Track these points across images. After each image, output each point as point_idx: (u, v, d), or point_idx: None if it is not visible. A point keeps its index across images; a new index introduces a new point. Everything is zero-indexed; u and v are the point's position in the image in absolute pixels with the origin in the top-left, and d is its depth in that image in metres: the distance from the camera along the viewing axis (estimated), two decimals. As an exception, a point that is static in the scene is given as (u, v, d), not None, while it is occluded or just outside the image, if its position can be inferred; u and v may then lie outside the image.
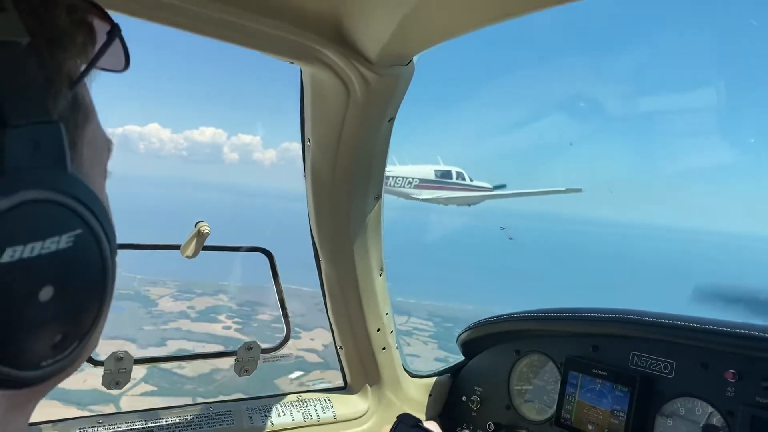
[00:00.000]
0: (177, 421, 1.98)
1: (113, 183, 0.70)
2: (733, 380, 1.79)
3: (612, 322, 2.07)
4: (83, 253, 0.56)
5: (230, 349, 2.12)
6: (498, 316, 2.39)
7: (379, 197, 2.05)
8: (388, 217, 2.17)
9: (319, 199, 1.98)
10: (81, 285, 0.57)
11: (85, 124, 0.63)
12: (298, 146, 1.99)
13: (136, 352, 1.83)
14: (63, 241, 0.54)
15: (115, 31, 0.66)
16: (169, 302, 24.38)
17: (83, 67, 0.62)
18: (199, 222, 1.88)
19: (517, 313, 2.34)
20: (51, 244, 0.52)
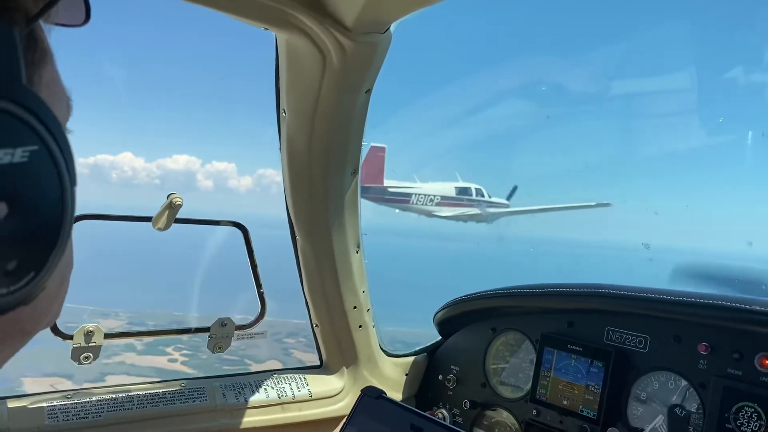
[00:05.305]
0: (149, 394, 1.94)
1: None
2: (705, 353, 1.81)
3: (587, 296, 2.08)
4: (40, 172, 0.52)
5: (204, 325, 2.09)
6: (474, 294, 2.39)
7: (355, 172, 2.02)
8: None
9: (295, 171, 1.95)
10: (37, 207, 0.52)
11: (42, 64, 0.59)
12: (273, 173, 1.96)
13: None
14: (18, 155, 0.49)
15: None
16: (116, 335, 23.54)
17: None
18: (171, 194, 1.83)
19: (492, 290, 2.34)
20: (4, 156, 0.48)
